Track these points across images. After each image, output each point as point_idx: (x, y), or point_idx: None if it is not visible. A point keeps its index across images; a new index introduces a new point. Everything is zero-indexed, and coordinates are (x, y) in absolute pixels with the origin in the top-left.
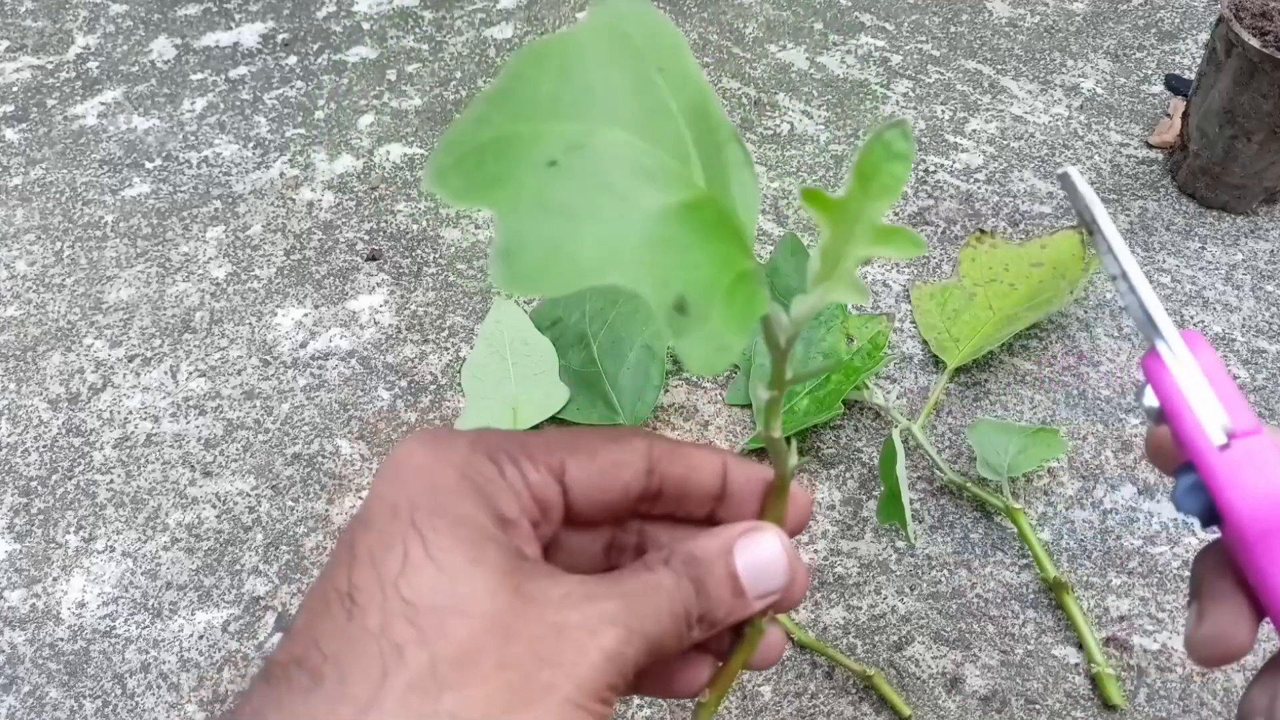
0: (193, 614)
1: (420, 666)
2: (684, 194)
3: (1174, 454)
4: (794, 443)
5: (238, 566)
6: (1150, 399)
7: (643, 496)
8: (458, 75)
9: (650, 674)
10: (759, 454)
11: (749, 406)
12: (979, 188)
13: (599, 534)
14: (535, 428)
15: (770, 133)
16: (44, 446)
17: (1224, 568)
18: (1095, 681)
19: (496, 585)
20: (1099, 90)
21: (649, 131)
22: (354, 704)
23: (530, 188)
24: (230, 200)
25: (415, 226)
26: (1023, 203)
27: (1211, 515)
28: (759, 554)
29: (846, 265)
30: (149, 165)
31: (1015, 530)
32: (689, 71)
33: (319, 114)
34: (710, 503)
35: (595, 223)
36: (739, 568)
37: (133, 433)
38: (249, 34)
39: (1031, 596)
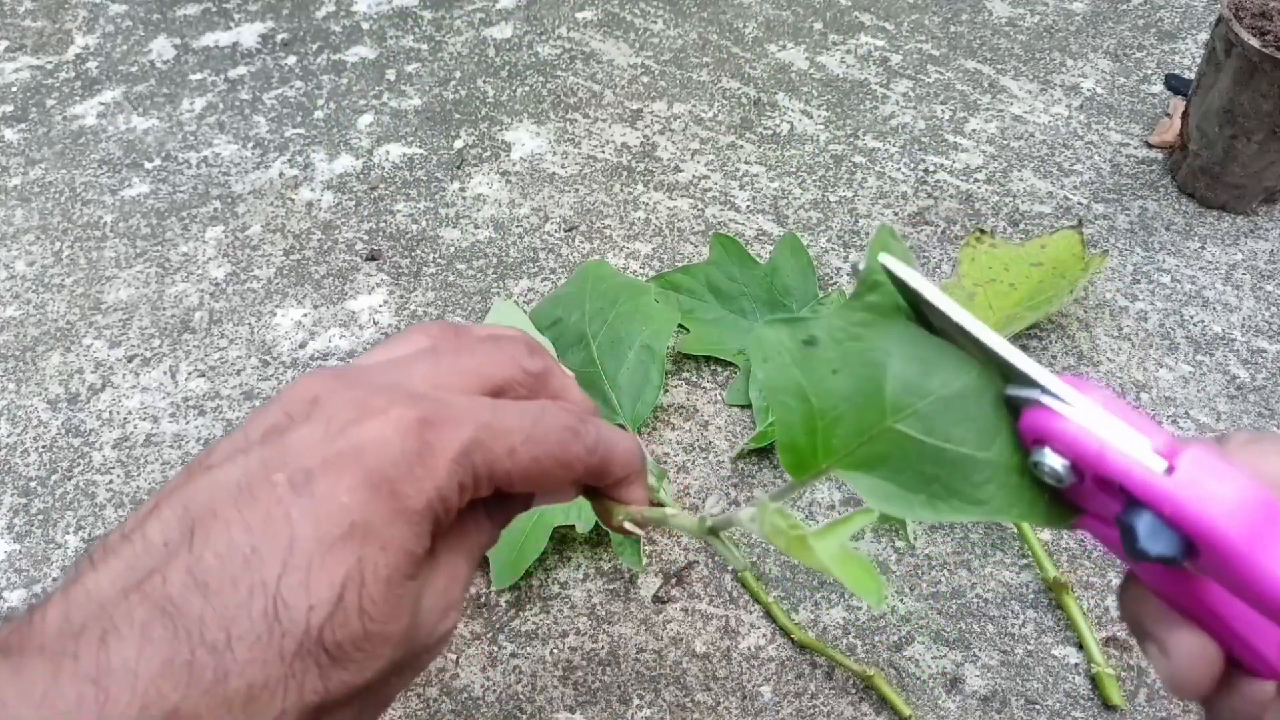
0: None
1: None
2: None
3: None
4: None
5: None
6: (1052, 461)
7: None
8: (457, 75)
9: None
10: (759, 454)
11: (749, 406)
12: (979, 187)
13: None
14: None
15: (770, 132)
16: (43, 447)
17: (1158, 601)
18: (1095, 681)
19: (405, 634)
20: (1099, 90)
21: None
22: None
23: None
24: (229, 200)
25: (415, 226)
26: (1023, 202)
27: (1186, 547)
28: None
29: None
30: (148, 165)
31: (1015, 530)
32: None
33: (318, 114)
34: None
35: None
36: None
37: (132, 433)
38: (248, 34)
39: (1031, 596)
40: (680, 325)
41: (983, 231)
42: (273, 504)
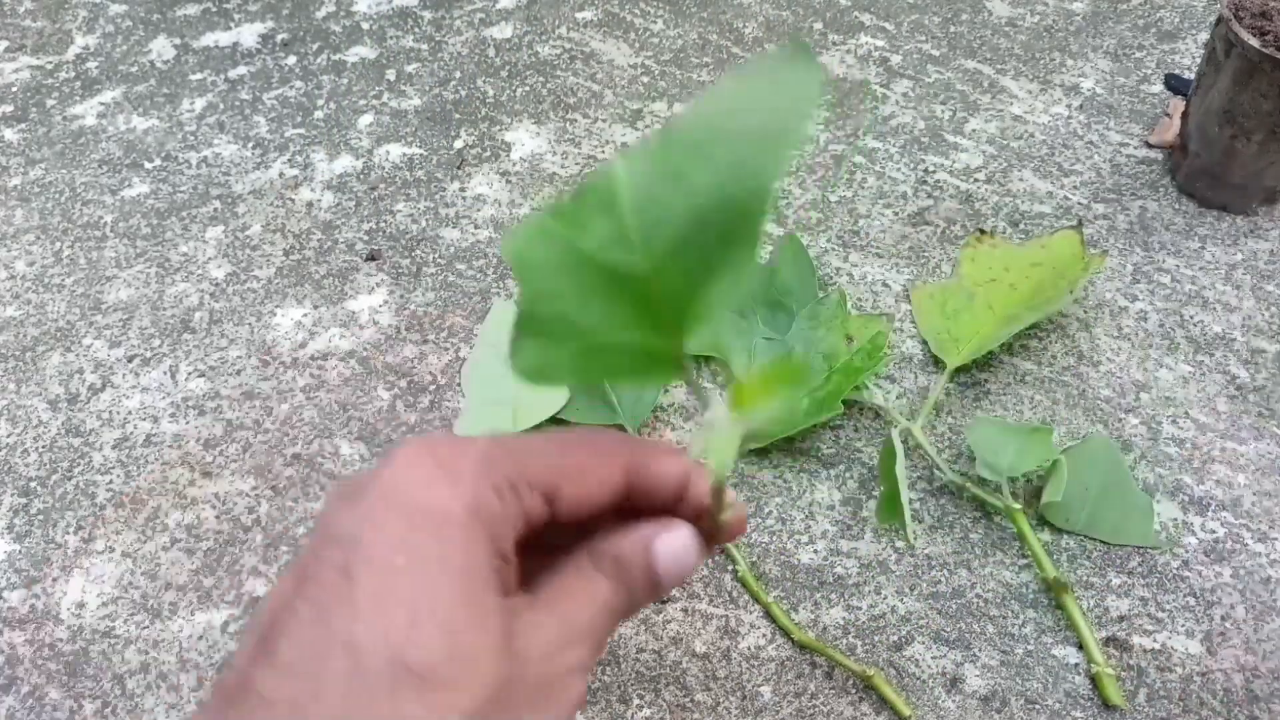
0: (192, 614)
1: None
2: (620, 261)
3: None
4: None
5: (237, 567)
6: None
7: (615, 505)
8: (457, 75)
9: None
10: (759, 454)
11: None
12: (979, 187)
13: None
14: (535, 428)
15: None
16: (43, 447)
17: None
18: (1095, 681)
19: (498, 646)
20: (1099, 90)
21: (645, 200)
22: None
23: None
24: (229, 200)
25: (415, 226)
26: (1023, 202)
27: None
28: (676, 549)
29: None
30: (148, 165)
31: (1015, 530)
32: (763, 173)
33: (318, 114)
34: (670, 505)
35: (542, 219)
36: (659, 562)
37: (132, 433)
38: (248, 34)
39: (1031, 596)
40: None
41: (983, 231)
42: (329, 574)
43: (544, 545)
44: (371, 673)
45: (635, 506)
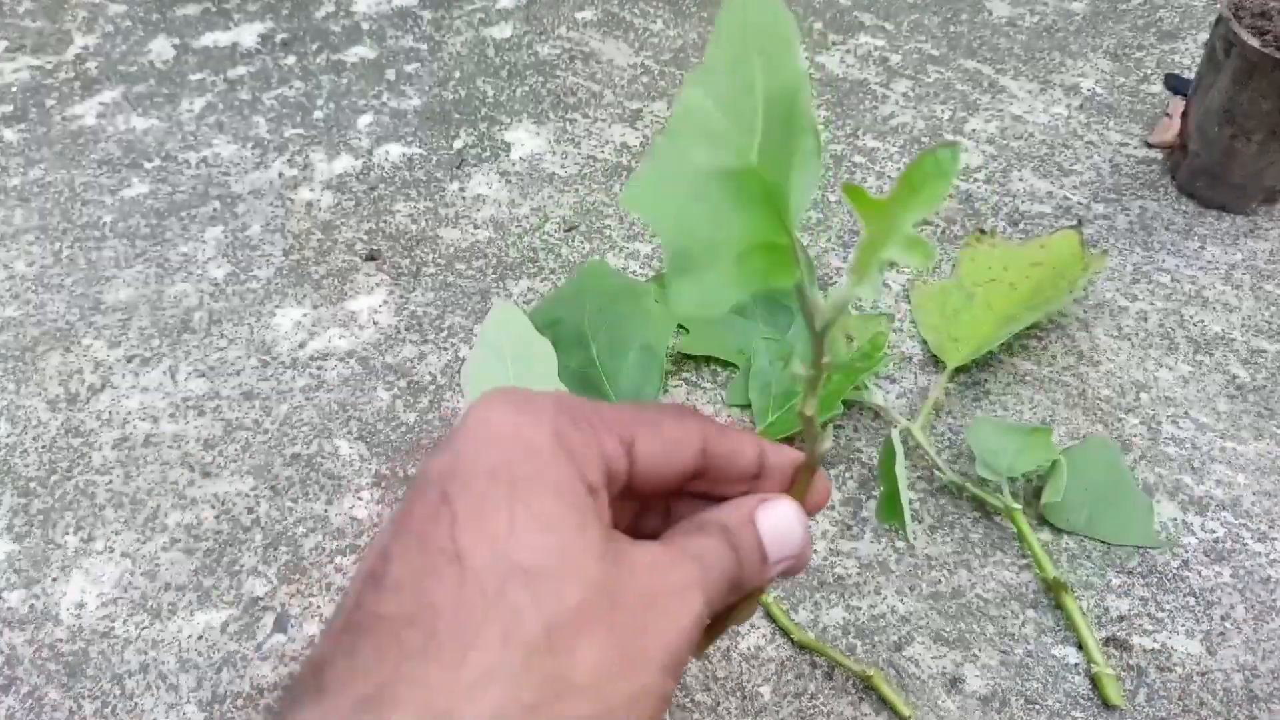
0: (192, 615)
1: (536, 631)
2: (733, 163)
3: None
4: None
5: (237, 567)
6: None
7: (692, 474)
8: (457, 75)
9: None
10: None
11: (749, 407)
12: (979, 187)
13: (632, 504)
14: None
15: None
16: (43, 447)
17: None
18: (1095, 681)
19: (600, 550)
20: (1099, 90)
21: (727, 103)
22: (478, 669)
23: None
24: (229, 200)
25: (414, 226)
26: (1023, 202)
27: None
28: (779, 521)
29: (874, 265)
30: (148, 165)
31: (1015, 530)
32: (788, 61)
33: (318, 114)
34: (746, 483)
35: (650, 163)
36: (763, 533)
37: (131, 433)
38: (248, 34)
39: (1031, 596)
40: (680, 325)
41: (983, 231)
42: (429, 503)
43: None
44: (479, 574)
45: (709, 493)
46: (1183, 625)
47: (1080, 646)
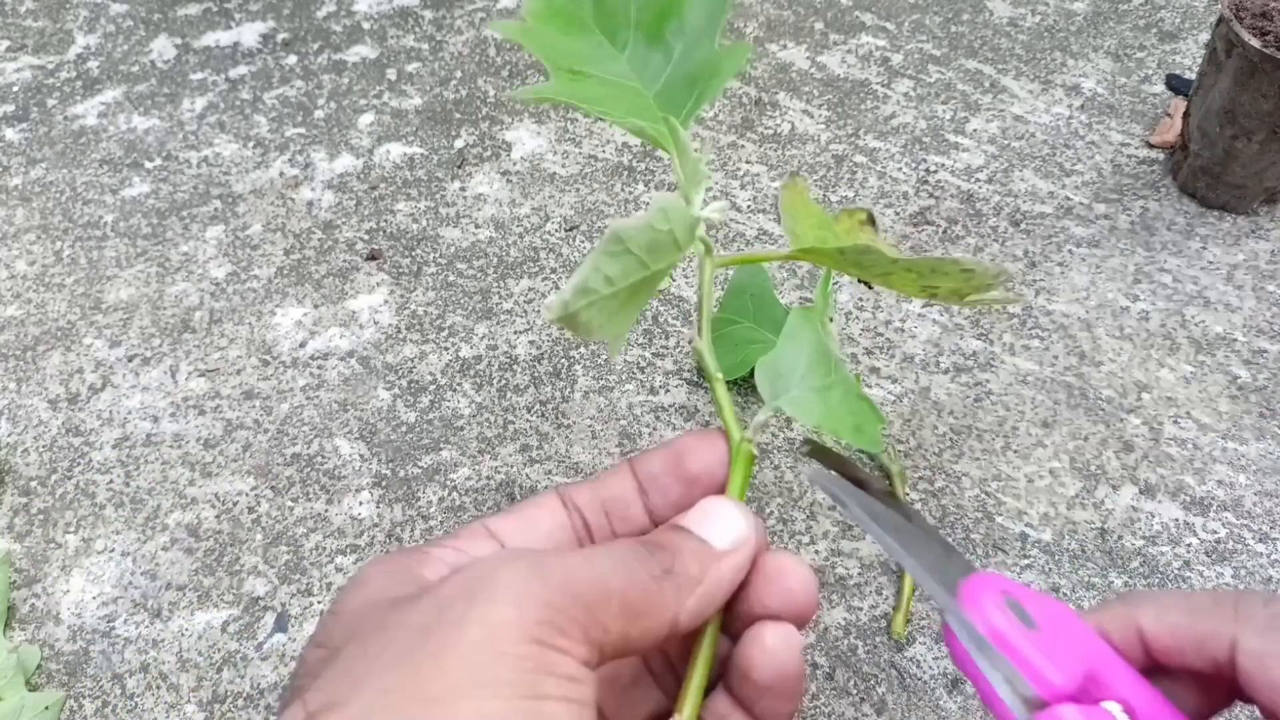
0: (192, 614)
1: None
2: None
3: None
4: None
5: (237, 567)
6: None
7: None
8: (458, 75)
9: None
10: (759, 455)
11: (750, 396)
12: (980, 187)
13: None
14: None
15: (771, 132)
16: (44, 446)
17: None
18: None
19: None
20: (1100, 90)
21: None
22: None
23: None
24: (230, 200)
25: (415, 226)
26: (1024, 202)
27: None
28: (706, 506)
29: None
30: (149, 165)
31: (1016, 531)
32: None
33: (319, 113)
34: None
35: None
36: (689, 520)
37: (132, 433)
38: (249, 34)
39: None
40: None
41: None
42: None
43: None
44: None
45: None
46: None
47: None
